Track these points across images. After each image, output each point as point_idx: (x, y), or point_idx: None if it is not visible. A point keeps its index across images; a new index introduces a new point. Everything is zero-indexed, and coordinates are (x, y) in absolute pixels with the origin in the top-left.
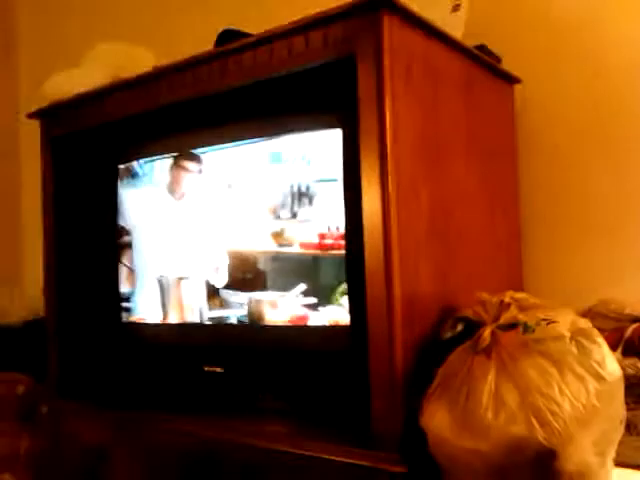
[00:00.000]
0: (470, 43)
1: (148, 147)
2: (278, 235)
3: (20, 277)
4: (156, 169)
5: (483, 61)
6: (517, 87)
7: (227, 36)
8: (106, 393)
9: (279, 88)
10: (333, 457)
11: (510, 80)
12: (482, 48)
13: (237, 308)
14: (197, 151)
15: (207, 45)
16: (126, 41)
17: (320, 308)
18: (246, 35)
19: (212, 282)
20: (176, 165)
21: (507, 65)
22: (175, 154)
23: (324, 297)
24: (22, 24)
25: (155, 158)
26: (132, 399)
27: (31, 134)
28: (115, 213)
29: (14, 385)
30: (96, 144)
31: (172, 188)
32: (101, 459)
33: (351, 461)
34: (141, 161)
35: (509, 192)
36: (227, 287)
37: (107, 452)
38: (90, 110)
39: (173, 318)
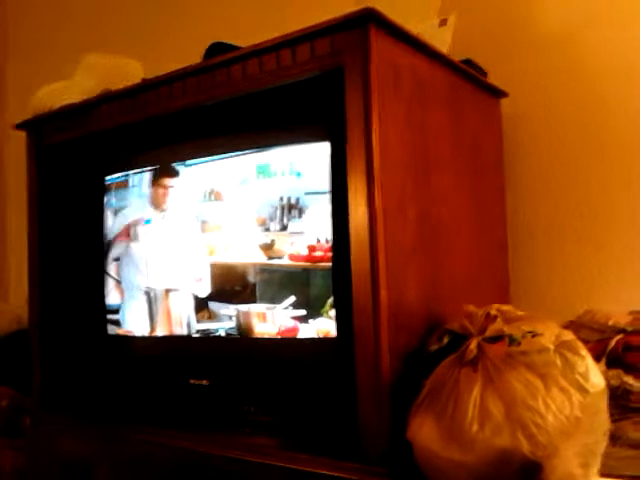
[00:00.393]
0: (457, 57)
1: (136, 159)
2: (267, 247)
3: (5, 288)
4: (144, 181)
5: (469, 75)
6: (504, 101)
7: (216, 49)
8: (91, 406)
9: (268, 101)
10: (320, 470)
11: (497, 94)
12: (469, 62)
13: (226, 320)
14: (185, 163)
15: (196, 58)
16: (115, 53)
17: (310, 320)
18: (235, 48)
19: (195, 293)
20: (155, 180)
21: (493, 79)
22: (157, 167)
23: (314, 309)
24: (11, 35)
25: (144, 170)
26: (117, 412)
27: (17, 146)
28: (101, 225)
29: None
30: (83, 156)
31: (155, 202)
32: (86, 473)
33: (338, 474)
34: (130, 172)
35: (496, 205)
36: (215, 299)
37: (92, 466)
38: (78, 122)
39: (161, 331)
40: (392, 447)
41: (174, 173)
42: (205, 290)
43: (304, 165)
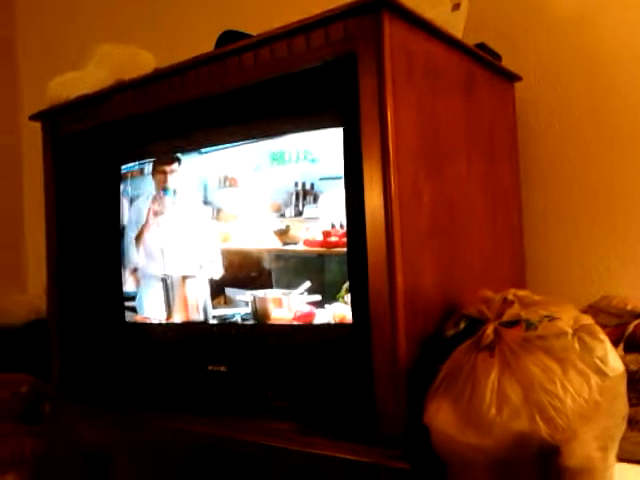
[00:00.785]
0: (470, 42)
1: (151, 148)
2: (282, 233)
3: (23, 278)
4: None
5: (483, 59)
6: (518, 85)
7: (228, 37)
8: (110, 393)
9: (281, 88)
10: (336, 454)
11: (510, 78)
12: (482, 46)
13: (242, 306)
14: (200, 151)
15: (208, 46)
16: (127, 43)
17: (326, 305)
18: (247, 36)
19: (211, 276)
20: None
21: (507, 63)
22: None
23: (329, 294)
24: (22, 26)
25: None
26: (136, 399)
27: (33, 137)
28: (118, 213)
29: (17, 386)
30: (99, 146)
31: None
32: (105, 459)
33: (355, 458)
34: (145, 161)
35: (511, 189)
36: (231, 285)
37: (111, 452)
38: (92, 112)
39: (178, 317)
40: (409, 431)
41: (182, 160)
42: (218, 272)
43: (319, 151)
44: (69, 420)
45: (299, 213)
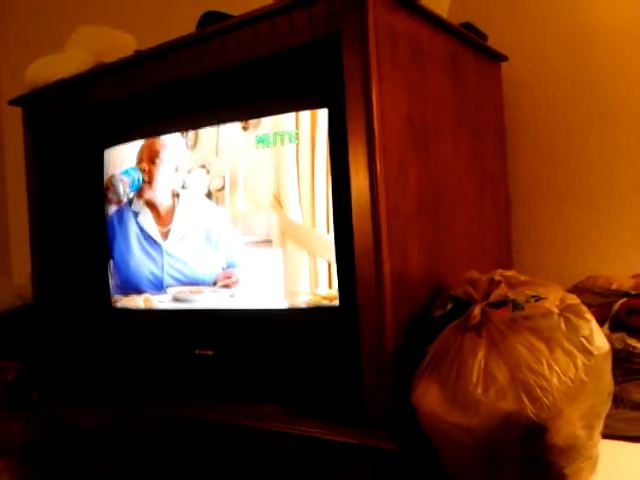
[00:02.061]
0: (455, 21)
1: (134, 131)
2: None
3: (7, 264)
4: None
5: (469, 39)
6: (504, 65)
7: (209, 18)
8: (97, 379)
9: (264, 69)
10: (324, 436)
11: (497, 58)
12: (468, 26)
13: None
14: (183, 134)
15: (189, 28)
16: (107, 25)
17: None
18: (229, 17)
19: None
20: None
21: (493, 43)
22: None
23: None
24: (1, 9)
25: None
26: (124, 384)
27: (14, 122)
28: (102, 197)
29: (5, 373)
30: (81, 130)
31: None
32: (94, 445)
33: (342, 440)
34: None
35: (497, 170)
36: None
37: (99, 437)
38: (73, 96)
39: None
40: (396, 413)
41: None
42: None
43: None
44: (57, 406)
45: None
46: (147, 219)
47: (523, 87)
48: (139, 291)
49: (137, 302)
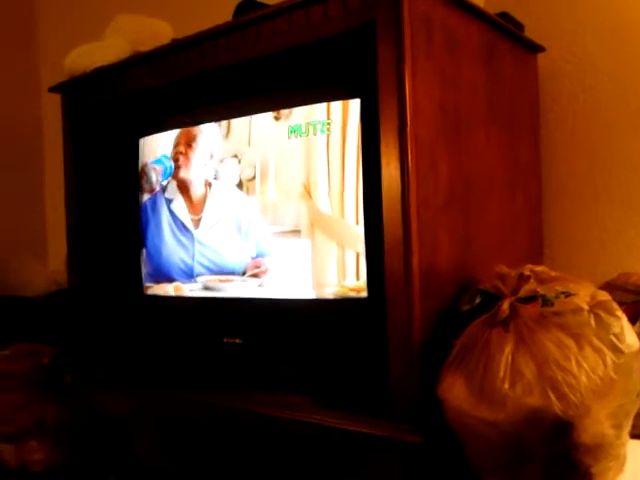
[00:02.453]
0: (492, 11)
1: (169, 120)
2: None
3: (44, 250)
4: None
5: (505, 29)
6: (541, 56)
7: (246, 7)
8: (129, 364)
9: (298, 59)
10: (350, 427)
11: (533, 49)
12: (504, 16)
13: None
14: (219, 123)
15: (226, 17)
16: (144, 13)
17: None
18: (264, 6)
19: None
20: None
21: (530, 33)
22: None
23: None
24: None
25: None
26: (154, 370)
27: (53, 109)
28: (137, 185)
29: (40, 356)
30: (117, 118)
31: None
32: (124, 429)
33: (367, 431)
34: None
35: (530, 163)
36: None
37: (130, 422)
38: (110, 84)
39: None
40: (422, 406)
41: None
42: None
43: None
44: (90, 390)
45: None
46: (180, 206)
47: (561, 78)
48: (170, 279)
49: (168, 290)
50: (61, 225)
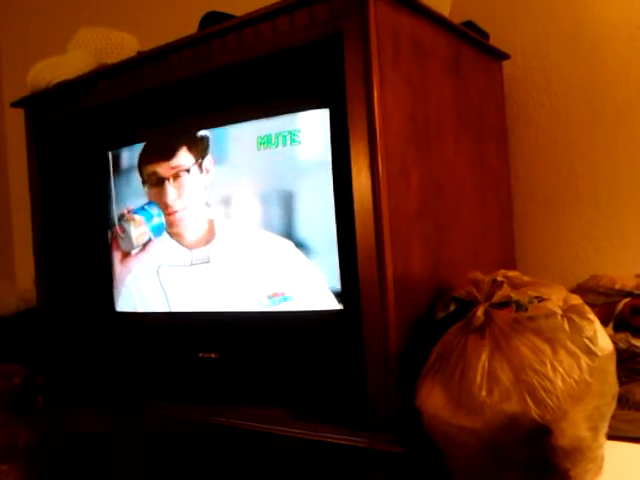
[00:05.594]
0: (457, 20)
1: (138, 133)
2: None
3: (11, 268)
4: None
5: (471, 38)
6: (506, 63)
7: (211, 18)
8: (102, 382)
9: (266, 69)
10: (329, 439)
11: (498, 56)
12: (469, 25)
13: None
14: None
15: (191, 29)
16: (109, 26)
17: None
18: (230, 17)
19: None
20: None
21: (495, 41)
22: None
23: None
24: (1, 10)
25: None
26: (128, 387)
27: (17, 124)
28: (106, 201)
29: (10, 377)
30: (84, 131)
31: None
32: (99, 448)
33: (347, 442)
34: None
35: (500, 170)
36: None
37: (105, 441)
38: (76, 97)
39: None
40: (401, 415)
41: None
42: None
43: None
44: (63, 410)
45: None
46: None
47: (525, 85)
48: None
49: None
50: (28, 242)
